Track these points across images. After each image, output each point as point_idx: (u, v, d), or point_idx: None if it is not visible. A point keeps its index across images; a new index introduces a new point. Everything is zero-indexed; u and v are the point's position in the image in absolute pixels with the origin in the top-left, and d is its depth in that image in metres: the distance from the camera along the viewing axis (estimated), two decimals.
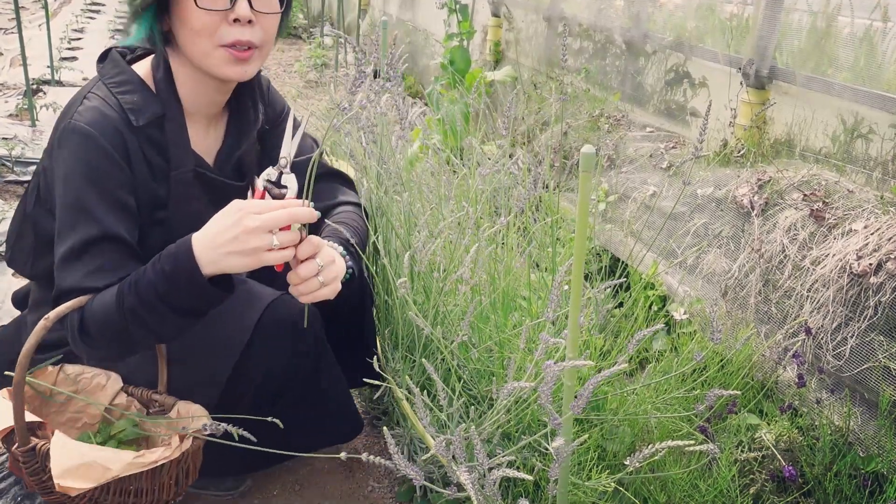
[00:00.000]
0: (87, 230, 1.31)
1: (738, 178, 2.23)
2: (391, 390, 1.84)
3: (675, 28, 2.95)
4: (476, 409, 1.62)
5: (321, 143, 1.78)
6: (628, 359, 1.38)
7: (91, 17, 6.87)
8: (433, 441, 1.23)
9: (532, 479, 1.08)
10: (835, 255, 1.79)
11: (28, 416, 1.32)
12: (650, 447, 1.13)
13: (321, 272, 1.29)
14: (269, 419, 1.33)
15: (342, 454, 1.21)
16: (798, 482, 1.65)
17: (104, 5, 7.51)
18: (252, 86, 1.52)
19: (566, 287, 1.40)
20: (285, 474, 1.79)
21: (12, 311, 1.91)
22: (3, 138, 3.48)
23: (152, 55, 1.43)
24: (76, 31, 6.24)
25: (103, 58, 1.45)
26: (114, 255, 1.32)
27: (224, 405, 1.46)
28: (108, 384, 1.45)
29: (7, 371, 1.45)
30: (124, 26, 1.46)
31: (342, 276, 1.36)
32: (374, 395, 1.97)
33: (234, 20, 1.32)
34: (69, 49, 5.56)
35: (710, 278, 2.14)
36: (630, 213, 2.49)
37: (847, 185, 2.00)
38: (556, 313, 1.29)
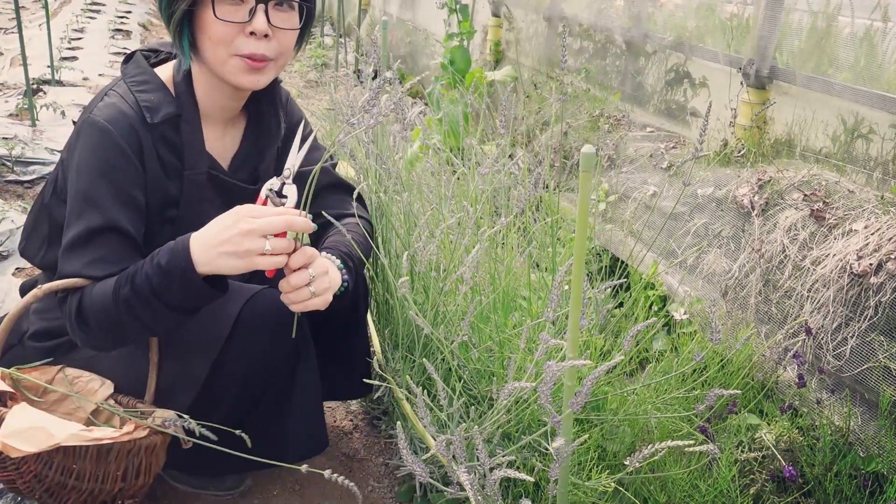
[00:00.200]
0: (93, 220, 1.34)
1: (738, 178, 2.23)
2: (391, 391, 1.84)
3: (676, 28, 2.95)
4: (476, 409, 1.62)
5: (326, 152, 1.78)
6: (628, 357, 1.38)
7: (91, 17, 6.86)
8: (433, 441, 1.23)
9: (532, 479, 1.08)
10: (835, 255, 1.79)
11: (1, 384, 1.35)
12: (650, 447, 1.13)
13: (313, 283, 1.31)
14: (237, 432, 1.30)
15: (303, 467, 1.23)
16: (798, 482, 1.65)
17: (104, 5, 7.50)
18: (273, 96, 1.56)
19: (566, 287, 1.40)
20: (285, 474, 1.79)
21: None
22: (4, 138, 3.47)
23: (175, 59, 1.48)
24: (76, 30, 6.23)
25: (128, 59, 1.50)
26: (116, 246, 1.36)
27: (202, 407, 1.44)
28: (100, 389, 1.46)
29: (8, 354, 1.49)
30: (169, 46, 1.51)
31: (335, 289, 1.38)
32: (374, 396, 1.97)
33: (251, 33, 1.36)
34: (69, 49, 5.56)
35: (710, 278, 2.14)
36: (630, 213, 2.49)
37: (847, 185, 2.00)
38: (556, 313, 1.29)
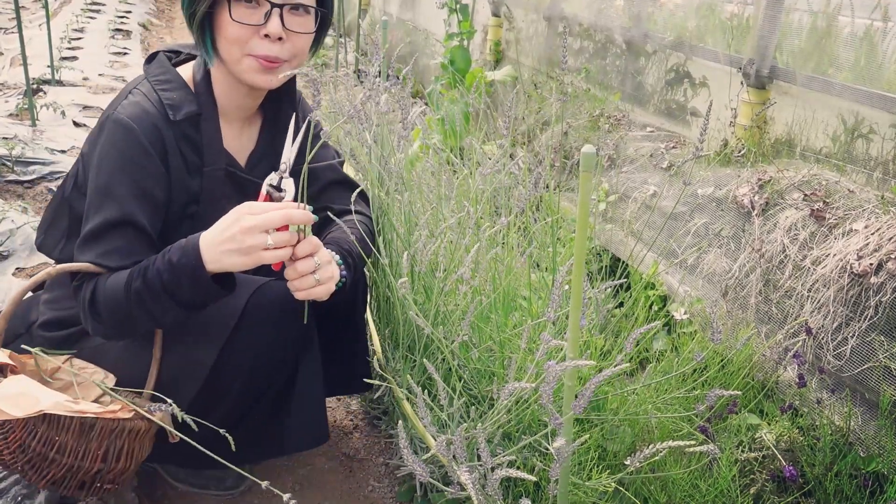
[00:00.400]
0: (111, 213, 1.38)
1: (738, 178, 2.23)
2: (391, 391, 1.84)
3: (676, 28, 2.95)
4: (477, 408, 1.62)
5: (325, 149, 1.79)
6: (628, 358, 1.38)
7: (91, 17, 6.85)
8: (434, 441, 1.23)
9: (533, 479, 1.08)
10: (835, 254, 1.79)
11: (2, 356, 1.38)
12: (651, 447, 1.13)
13: (318, 270, 1.36)
14: (222, 431, 1.28)
15: (264, 484, 1.18)
16: (798, 482, 1.65)
17: (104, 5, 7.49)
18: (293, 95, 1.60)
19: (567, 287, 1.40)
20: (285, 474, 1.79)
21: None
22: (4, 138, 3.47)
23: (195, 60, 1.53)
24: (76, 30, 6.22)
25: (150, 59, 1.54)
26: (131, 239, 1.40)
27: (207, 398, 1.45)
28: (103, 381, 1.47)
29: (13, 343, 1.52)
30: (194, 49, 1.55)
31: (336, 280, 1.42)
32: (375, 396, 1.97)
33: (265, 35, 1.40)
34: (69, 49, 5.55)
35: (710, 278, 2.14)
36: (630, 212, 2.49)
37: (847, 185, 2.00)
38: (556, 313, 1.29)
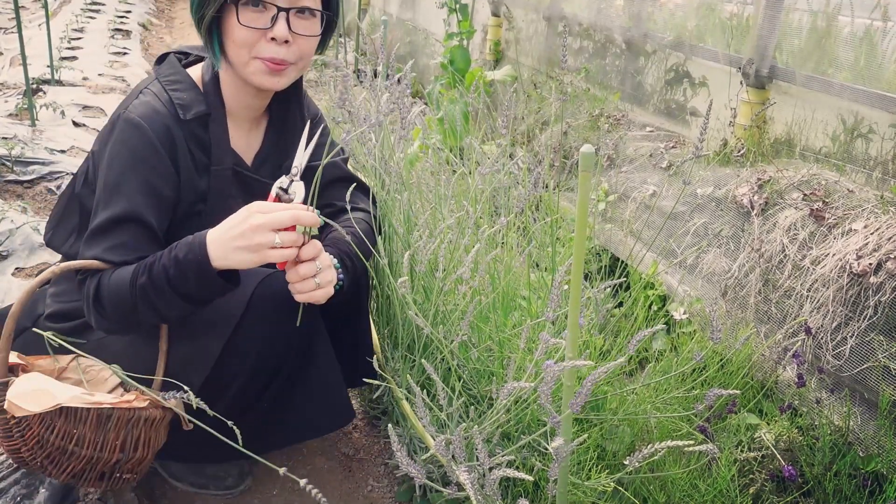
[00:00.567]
0: (118, 209, 1.40)
1: (737, 178, 2.23)
2: (390, 390, 1.84)
3: (676, 27, 2.95)
4: (476, 408, 1.62)
5: (328, 145, 1.79)
6: (628, 358, 1.38)
7: (91, 17, 6.84)
8: (433, 441, 1.23)
9: (532, 479, 1.08)
10: (835, 254, 1.79)
11: (12, 357, 1.40)
12: (650, 447, 1.13)
13: (319, 274, 1.38)
14: (229, 423, 1.27)
15: (282, 470, 1.21)
16: (798, 482, 1.65)
17: (104, 5, 7.48)
18: (300, 96, 1.63)
19: (566, 287, 1.40)
20: (285, 474, 1.79)
21: None
22: (3, 138, 3.46)
23: (204, 61, 1.55)
24: (76, 30, 6.22)
25: (161, 60, 1.57)
26: (138, 236, 1.41)
27: (214, 387, 1.46)
28: (110, 378, 1.50)
29: (19, 337, 1.54)
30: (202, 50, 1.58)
31: (335, 284, 1.44)
32: (374, 395, 1.97)
33: (272, 38, 1.42)
34: (69, 49, 5.55)
35: (709, 278, 2.14)
36: (630, 212, 2.49)
37: (847, 185, 2.00)
38: (555, 313, 1.29)
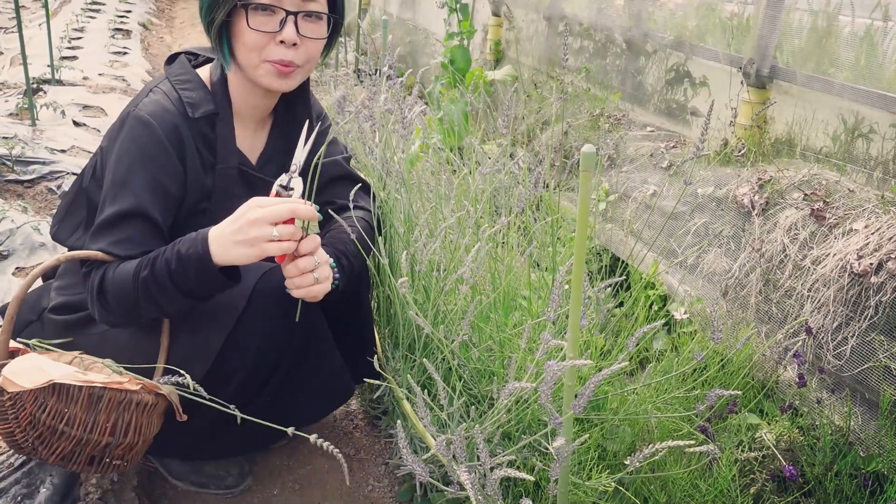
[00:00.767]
0: (125, 204, 1.43)
1: (738, 178, 2.23)
2: (391, 390, 1.84)
3: (676, 27, 2.95)
4: (476, 408, 1.61)
5: (330, 144, 1.78)
6: (628, 358, 1.38)
7: (91, 17, 6.84)
8: (433, 440, 1.23)
9: (533, 479, 1.08)
10: (835, 254, 1.79)
11: (16, 344, 1.42)
12: (650, 447, 1.13)
13: (317, 269, 1.40)
14: (230, 407, 1.31)
15: (289, 430, 1.27)
16: (798, 482, 1.64)
17: (104, 5, 7.48)
18: (307, 97, 1.65)
19: (567, 286, 1.40)
20: (285, 474, 1.79)
21: None
22: (4, 137, 3.46)
23: (211, 62, 1.58)
24: (76, 30, 6.22)
25: (171, 60, 1.61)
26: (143, 231, 1.44)
27: (215, 382, 1.45)
28: (112, 376, 1.49)
29: (24, 331, 1.57)
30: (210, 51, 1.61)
31: (331, 280, 1.46)
32: (374, 395, 1.97)
33: (281, 41, 1.45)
34: (69, 48, 5.55)
35: (710, 278, 2.14)
36: (630, 212, 2.49)
37: (848, 185, 2.00)
38: (556, 313, 1.29)
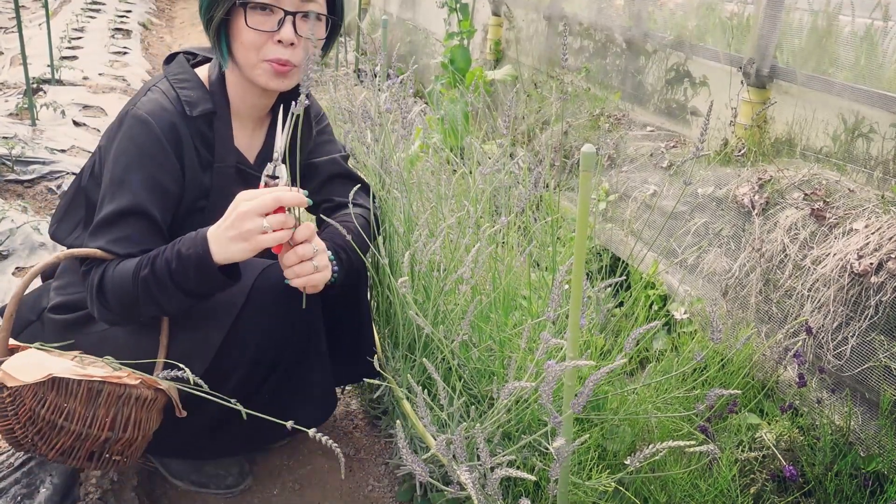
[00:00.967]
0: (123, 202, 1.43)
1: (738, 178, 2.23)
2: (391, 390, 1.84)
3: (676, 27, 2.95)
4: (476, 408, 1.61)
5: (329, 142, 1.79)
6: (628, 357, 1.37)
7: (91, 17, 6.84)
8: (433, 440, 1.23)
9: (533, 478, 1.08)
10: (835, 254, 1.79)
11: (15, 342, 1.42)
12: (650, 447, 1.13)
13: (315, 257, 1.39)
14: (232, 402, 1.29)
15: (288, 423, 1.25)
16: (799, 482, 1.64)
17: (104, 4, 7.48)
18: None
19: (567, 286, 1.40)
20: (285, 474, 1.79)
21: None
22: (4, 137, 3.46)
23: (209, 62, 1.59)
24: (76, 30, 6.22)
25: (169, 60, 1.61)
26: (142, 229, 1.44)
27: (214, 379, 1.44)
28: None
29: (24, 331, 1.57)
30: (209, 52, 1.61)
31: (331, 270, 1.46)
32: (374, 395, 1.96)
33: (279, 41, 1.46)
34: (69, 48, 5.55)
35: (710, 278, 2.14)
36: (630, 212, 2.49)
37: (848, 185, 2.00)
38: (556, 312, 1.29)
